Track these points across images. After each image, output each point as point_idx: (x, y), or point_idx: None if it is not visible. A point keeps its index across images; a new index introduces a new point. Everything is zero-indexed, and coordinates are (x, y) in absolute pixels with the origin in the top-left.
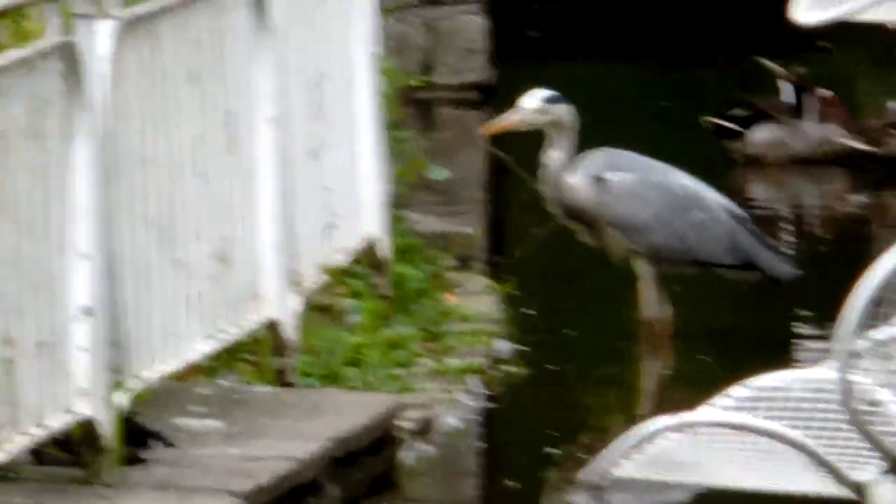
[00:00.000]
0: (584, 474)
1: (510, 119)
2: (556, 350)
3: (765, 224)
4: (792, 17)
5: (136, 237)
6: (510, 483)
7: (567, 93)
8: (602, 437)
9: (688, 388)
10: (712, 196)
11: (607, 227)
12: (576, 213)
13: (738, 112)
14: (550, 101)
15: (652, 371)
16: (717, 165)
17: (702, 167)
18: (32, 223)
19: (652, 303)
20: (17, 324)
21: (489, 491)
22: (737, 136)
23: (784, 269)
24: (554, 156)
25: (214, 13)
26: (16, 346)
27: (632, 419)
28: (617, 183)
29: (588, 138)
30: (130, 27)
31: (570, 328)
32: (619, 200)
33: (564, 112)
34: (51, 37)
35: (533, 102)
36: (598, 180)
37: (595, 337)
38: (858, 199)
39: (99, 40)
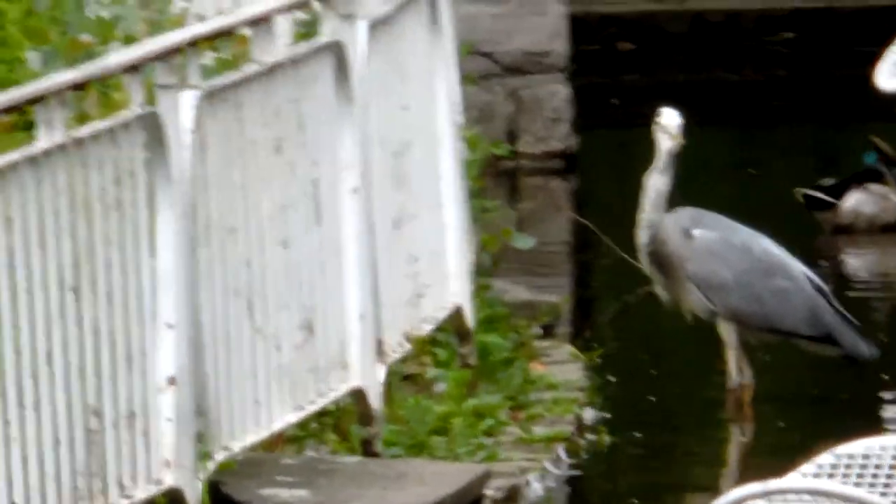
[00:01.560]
0: None
1: (671, 138)
2: (642, 417)
3: (852, 290)
4: (875, 84)
5: (221, 307)
6: None
7: (650, 159)
8: None
9: (773, 456)
10: (796, 265)
11: (686, 281)
12: (661, 257)
13: (827, 181)
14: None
15: (737, 438)
16: (805, 232)
17: (789, 234)
18: (117, 293)
19: (736, 368)
20: (103, 395)
21: None
22: (828, 206)
23: (863, 348)
24: (664, 180)
25: (297, 83)
26: (103, 417)
27: (717, 486)
28: (700, 239)
29: (673, 203)
30: (213, 97)
31: (655, 395)
32: (700, 257)
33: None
34: (134, 107)
35: (676, 119)
36: (685, 234)
37: (680, 404)
38: None
39: (182, 110)
